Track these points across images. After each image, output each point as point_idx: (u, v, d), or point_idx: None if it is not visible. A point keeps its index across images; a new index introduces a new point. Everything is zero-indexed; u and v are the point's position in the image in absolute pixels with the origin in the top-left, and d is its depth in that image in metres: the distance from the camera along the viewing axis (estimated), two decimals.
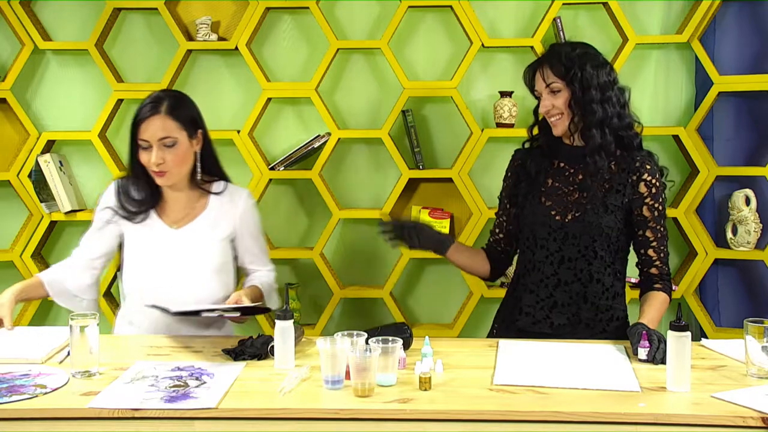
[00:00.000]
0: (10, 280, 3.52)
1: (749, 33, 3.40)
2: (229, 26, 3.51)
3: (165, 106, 2.39)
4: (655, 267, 2.36)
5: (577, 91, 2.29)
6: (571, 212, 2.34)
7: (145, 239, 2.45)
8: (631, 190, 2.33)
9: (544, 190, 2.38)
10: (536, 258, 2.37)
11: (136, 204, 2.45)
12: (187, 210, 2.49)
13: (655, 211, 2.34)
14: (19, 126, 3.49)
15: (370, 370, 1.83)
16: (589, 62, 2.31)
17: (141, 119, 2.37)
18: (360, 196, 3.60)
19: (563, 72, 2.30)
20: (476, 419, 1.76)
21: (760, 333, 1.92)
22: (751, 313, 2.99)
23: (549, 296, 2.36)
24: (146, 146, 2.37)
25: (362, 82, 3.54)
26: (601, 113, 2.29)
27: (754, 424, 1.70)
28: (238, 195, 2.55)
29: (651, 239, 2.35)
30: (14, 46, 3.49)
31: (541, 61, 2.36)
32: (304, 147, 3.41)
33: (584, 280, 2.34)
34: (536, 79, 2.36)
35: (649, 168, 2.33)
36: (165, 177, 2.40)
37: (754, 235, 3.34)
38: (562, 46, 2.42)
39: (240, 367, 2.04)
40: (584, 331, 2.34)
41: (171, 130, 2.38)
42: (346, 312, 3.62)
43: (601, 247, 2.33)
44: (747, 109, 3.45)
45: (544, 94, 2.34)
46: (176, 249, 2.44)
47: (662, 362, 2.01)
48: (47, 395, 1.85)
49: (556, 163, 2.40)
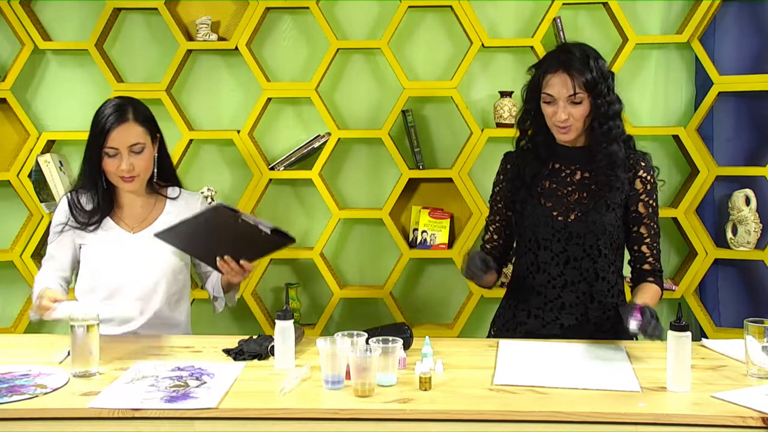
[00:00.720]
0: (10, 280, 3.54)
1: (749, 33, 3.40)
2: (229, 26, 3.51)
3: (131, 113, 2.40)
4: (647, 263, 2.36)
5: (603, 106, 2.24)
6: (573, 212, 2.33)
7: (103, 244, 2.46)
8: (628, 187, 2.33)
9: (541, 191, 2.37)
10: (540, 259, 2.36)
11: (89, 214, 2.45)
12: (144, 215, 2.50)
13: (650, 207, 2.34)
14: (19, 126, 3.49)
15: (370, 370, 1.83)
16: (609, 75, 2.28)
17: (110, 127, 2.36)
18: (360, 196, 3.60)
19: (592, 84, 2.23)
20: (476, 419, 1.76)
21: (760, 333, 1.93)
22: (751, 313, 2.99)
23: (557, 297, 2.35)
24: (114, 153, 2.38)
25: (362, 82, 3.54)
26: (620, 128, 2.28)
27: (754, 424, 1.70)
28: (194, 199, 2.57)
29: (645, 235, 2.35)
30: (14, 46, 3.49)
31: (568, 66, 2.24)
32: (304, 147, 3.41)
33: (590, 279, 2.34)
34: (557, 83, 2.25)
35: (644, 165, 2.34)
36: (134, 182, 2.41)
37: (754, 235, 3.34)
38: (582, 51, 2.28)
39: (240, 367, 2.04)
40: (593, 330, 2.34)
41: (139, 136, 2.40)
42: (346, 312, 3.62)
43: (605, 245, 2.33)
44: (747, 109, 3.45)
45: (561, 101, 2.25)
46: (135, 252, 2.45)
47: (654, 337, 1.99)
48: (47, 395, 1.85)
49: (551, 164, 2.38)
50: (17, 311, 3.52)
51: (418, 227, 3.47)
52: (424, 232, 3.46)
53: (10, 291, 3.58)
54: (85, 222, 2.45)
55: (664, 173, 3.48)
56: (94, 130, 2.39)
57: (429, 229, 3.45)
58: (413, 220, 3.51)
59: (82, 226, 2.46)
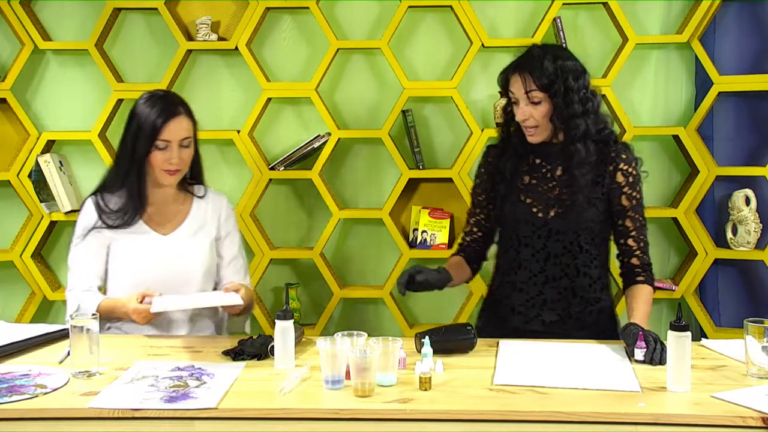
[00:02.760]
0: (10, 280, 3.54)
1: (749, 33, 3.40)
2: (229, 26, 3.51)
3: (182, 106, 2.42)
4: (635, 257, 2.36)
5: (561, 106, 2.25)
6: (553, 208, 2.33)
7: (134, 246, 2.44)
8: (609, 180, 2.32)
9: (522, 187, 2.37)
10: (521, 256, 2.37)
11: (118, 214, 2.43)
12: (173, 212, 2.50)
13: (633, 200, 2.34)
14: (19, 126, 3.49)
15: (370, 370, 1.83)
16: (570, 74, 2.26)
17: (165, 120, 2.36)
18: (360, 196, 3.60)
19: (546, 84, 2.25)
20: (476, 419, 1.76)
21: (760, 333, 1.93)
22: (751, 313, 2.99)
23: (539, 294, 2.36)
24: (164, 146, 2.37)
25: (362, 82, 3.54)
26: (584, 127, 2.27)
27: (754, 424, 1.70)
28: (219, 199, 2.58)
29: (630, 228, 2.35)
30: (14, 46, 3.49)
31: (522, 67, 2.29)
32: (304, 147, 3.41)
33: (571, 275, 2.34)
34: (514, 83, 2.30)
35: (625, 157, 2.33)
36: (176, 175, 2.42)
37: (754, 235, 3.34)
38: (541, 52, 2.30)
39: (240, 367, 2.04)
40: (575, 326, 2.35)
41: (189, 130, 2.43)
42: (346, 312, 3.62)
43: (586, 241, 2.33)
44: (747, 109, 3.44)
45: (521, 101, 2.29)
46: (167, 254, 2.44)
47: (660, 363, 2.01)
48: (47, 395, 1.85)
49: (532, 159, 2.38)
50: (17, 311, 3.52)
51: (418, 227, 3.47)
52: (424, 232, 3.46)
53: (10, 291, 3.58)
54: (115, 223, 2.42)
55: (664, 173, 3.52)
56: (143, 123, 2.36)
57: (429, 229, 3.45)
58: (413, 220, 3.51)
59: (112, 227, 2.42)
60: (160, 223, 2.48)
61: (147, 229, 2.45)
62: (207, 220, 2.53)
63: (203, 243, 2.50)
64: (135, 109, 2.41)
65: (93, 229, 2.43)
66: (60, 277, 3.60)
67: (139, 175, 2.41)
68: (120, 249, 2.44)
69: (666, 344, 1.93)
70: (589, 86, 2.31)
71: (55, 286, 3.52)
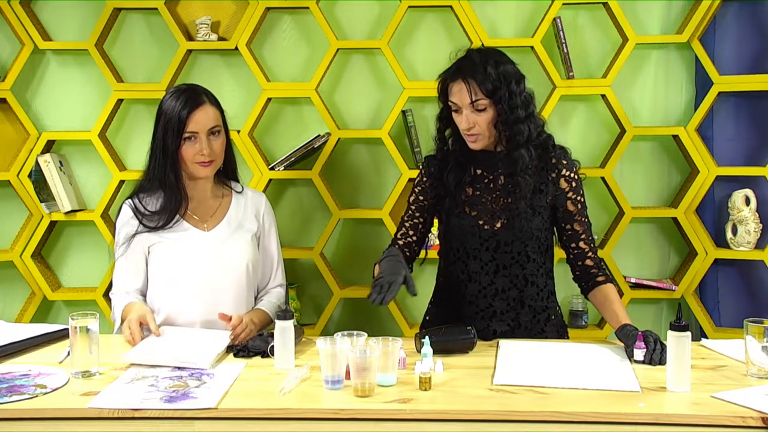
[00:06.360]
0: (10, 280, 3.54)
1: (749, 33, 3.40)
2: (229, 26, 3.51)
3: (205, 96, 2.42)
4: (588, 258, 2.36)
5: (505, 112, 2.22)
6: (499, 219, 2.32)
7: (176, 245, 2.41)
8: (552, 188, 2.33)
9: (466, 199, 2.35)
10: (470, 269, 2.35)
11: (158, 215, 2.40)
12: (214, 207, 2.50)
13: (578, 203, 2.35)
14: (19, 126, 3.49)
15: (370, 370, 1.83)
16: (513, 79, 2.24)
17: (190, 110, 2.35)
18: (360, 196, 3.60)
19: (491, 90, 2.21)
20: (476, 419, 1.76)
21: (760, 333, 1.93)
22: (751, 313, 2.98)
23: (488, 306, 2.35)
24: (193, 138, 2.36)
25: (362, 82, 3.54)
26: (527, 132, 2.25)
27: (754, 424, 1.70)
28: (258, 196, 2.59)
29: (579, 232, 2.36)
30: (14, 46, 3.49)
31: (464, 72, 2.24)
32: (304, 147, 3.41)
33: (520, 285, 2.34)
34: (457, 91, 2.24)
35: (566, 163, 2.34)
36: (211, 167, 2.41)
37: (754, 235, 3.34)
38: (481, 57, 2.26)
39: (240, 367, 2.04)
40: (525, 335, 2.35)
41: (216, 119, 2.42)
42: (346, 312, 3.62)
43: (533, 250, 2.33)
44: (747, 109, 3.44)
45: (465, 109, 2.24)
46: (210, 250, 2.42)
47: (659, 364, 2.01)
48: (47, 395, 1.85)
49: (473, 170, 2.36)
50: (17, 311, 3.51)
51: None
52: None
53: (10, 291, 3.58)
54: (157, 225, 2.39)
55: (663, 173, 3.52)
56: (170, 117, 2.35)
57: None
58: None
59: (153, 230, 2.40)
60: (201, 219, 2.46)
61: (188, 226, 2.44)
62: (247, 216, 2.52)
63: (245, 238, 2.48)
64: (161, 105, 2.41)
65: (135, 234, 2.41)
66: (60, 277, 3.60)
67: (175, 171, 2.38)
68: (161, 249, 2.41)
69: (666, 344, 1.93)
70: (526, 89, 2.29)
71: (55, 286, 3.52)
